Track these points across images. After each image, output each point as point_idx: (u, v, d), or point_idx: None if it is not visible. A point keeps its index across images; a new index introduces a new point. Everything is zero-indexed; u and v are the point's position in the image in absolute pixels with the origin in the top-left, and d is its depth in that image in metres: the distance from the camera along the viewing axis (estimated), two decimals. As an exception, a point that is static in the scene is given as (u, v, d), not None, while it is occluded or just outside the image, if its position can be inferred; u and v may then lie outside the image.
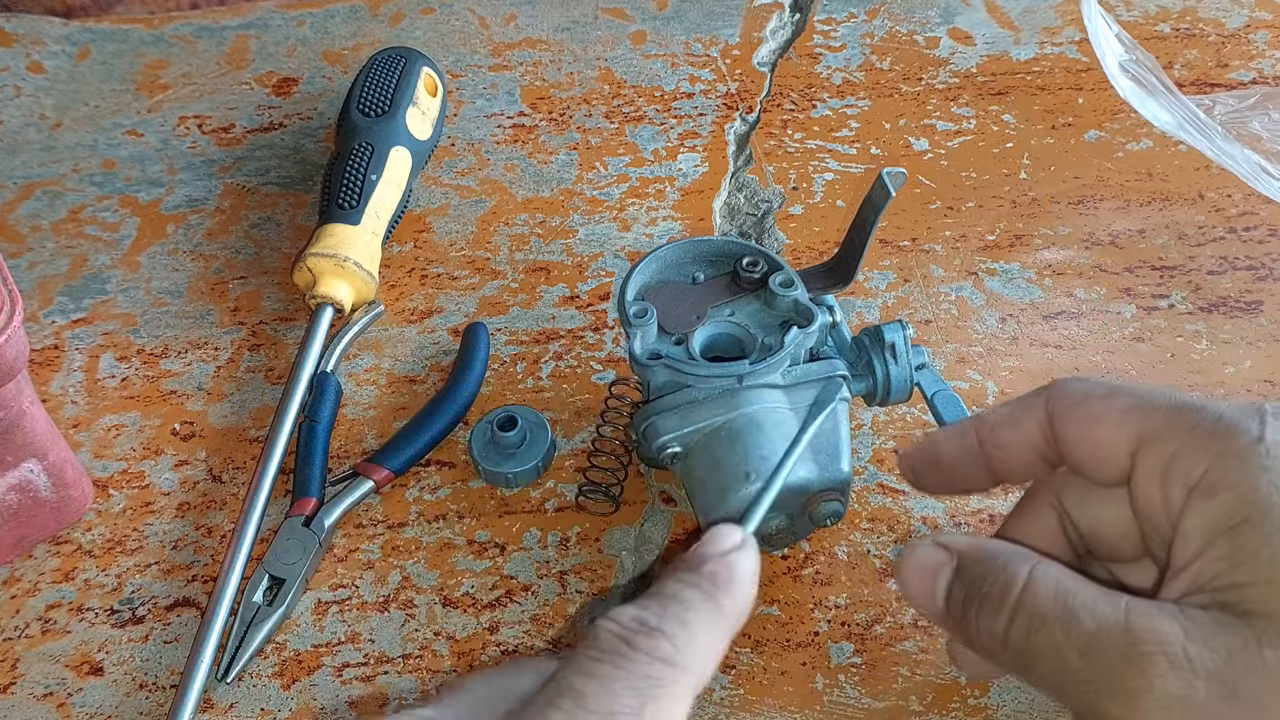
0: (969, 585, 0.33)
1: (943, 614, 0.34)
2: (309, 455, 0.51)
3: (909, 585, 0.34)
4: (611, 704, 0.26)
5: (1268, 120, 0.64)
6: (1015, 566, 0.32)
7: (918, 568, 0.34)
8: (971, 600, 0.32)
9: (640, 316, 0.46)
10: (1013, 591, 0.31)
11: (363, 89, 0.60)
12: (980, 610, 0.32)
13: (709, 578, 0.31)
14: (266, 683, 0.45)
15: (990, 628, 0.32)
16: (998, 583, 0.32)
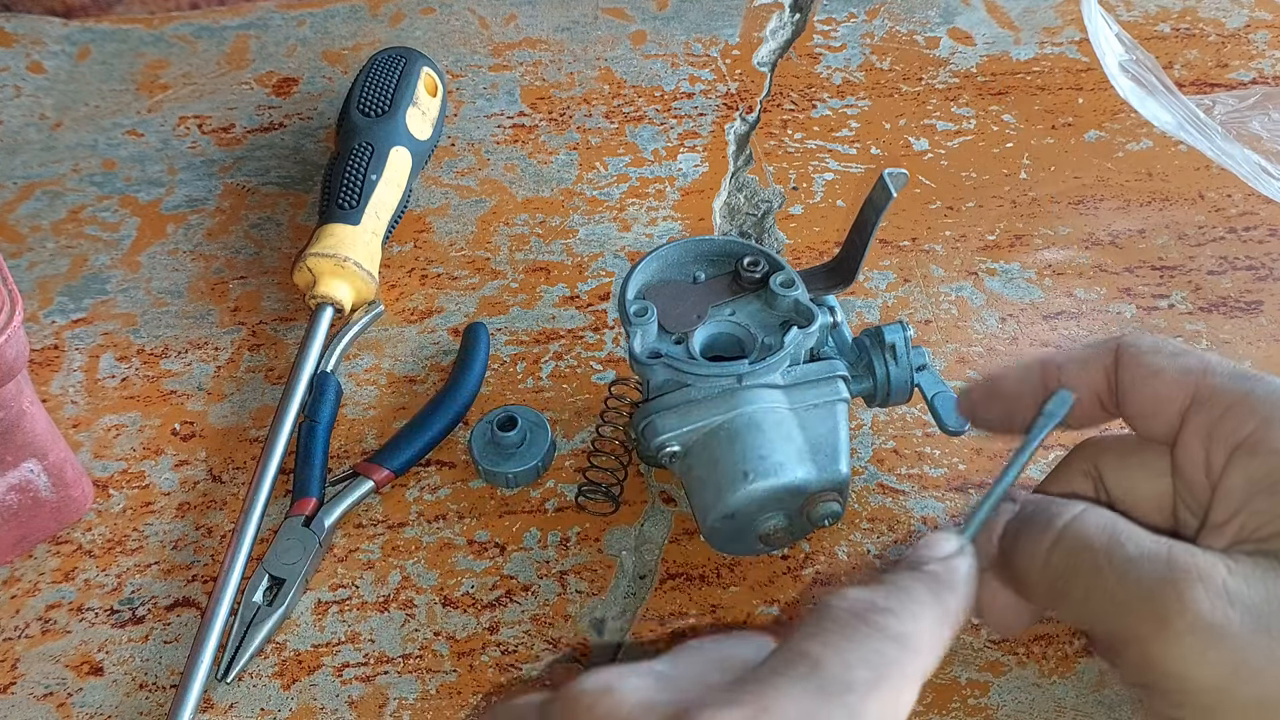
0: (1022, 519, 0.34)
1: (994, 556, 0.35)
2: (309, 455, 0.51)
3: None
4: (847, 674, 0.26)
5: (1268, 120, 0.64)
6: (1068, 503, 0.34)
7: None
8: (1022, 528, 0.34)
9: (640, 315, 0.46)
10: (1062, 519, 0.33)
11: (363, 89, 0.60)
12: (1027, 534, 0.33)
13: (933, 577, 0.31)
14: (266, 683, 0.45)
15: (1034, 550, 0.33)
16: (1048, 513, 0.33)
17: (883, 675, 0.27)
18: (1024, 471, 0.37)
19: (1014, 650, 0.46)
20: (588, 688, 0.28)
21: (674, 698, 0.27)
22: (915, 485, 0.51)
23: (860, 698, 0.26)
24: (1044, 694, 0.44)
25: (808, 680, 0.26)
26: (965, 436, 0.51)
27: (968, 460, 0.52)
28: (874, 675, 0.27)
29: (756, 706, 0.25)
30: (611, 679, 0.28)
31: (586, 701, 0.27)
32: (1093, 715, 0.44)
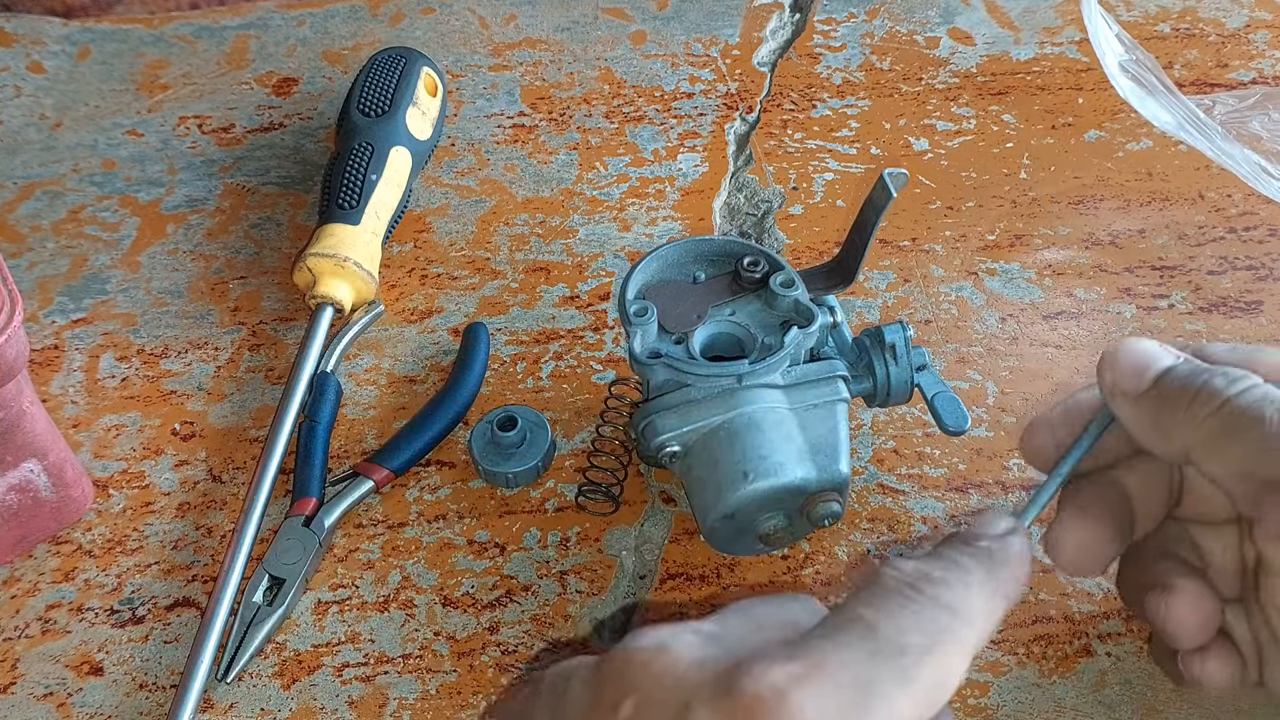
0: (1192, 371, 0.36)
1: (1139, 392, 0.36)
2: (309, 455, 0.51)
3: (1122, 361, 0.37)
4: (901, 639, 0.27)
5: (1268, 120, 0.64)
6: (1247, 372, 0.35)
7: (1139, 352, 0.37)
8: (1194, 378, 0.35)
9: (641, 315, 0.46)
10: (1248, 380, 0.35)
11: (363, 89, 0.60)
12: (1207, 385, 0.35)
13: (986, 552, 0.32)
14: (266, 683, 0.45)
15: (1212, 395, 0.34)
16: (1233, 373, 0.35)
17: (936, 642, 0.27)
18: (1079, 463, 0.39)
19: (1014, 650, 0.46)
20: (641, 645, 0.28)
21: (727, 654, 0.27)
22: (915, 485, 0.51)
23: (914, 661, 0.27)
24: (1044, 694, 0.44)
25: (862, 643, 0.27)
26: (965, 436, 0.51)
27: (968, 460, 0.52)
28: (927, 641, 0.27)
29: (810, 663, 0.26)
30: (664, 636, 0.28)
31: (641, 659, 0.28)
32: (1093, 715, 0.44)
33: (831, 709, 0.26)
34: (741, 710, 0.26)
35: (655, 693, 0.27)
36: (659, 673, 0.27)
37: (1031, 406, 0.53)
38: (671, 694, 0.27)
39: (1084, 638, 0.46)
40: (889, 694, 0.26)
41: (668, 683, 0.27)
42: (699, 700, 0.26)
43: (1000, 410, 0.53)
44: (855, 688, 0.26)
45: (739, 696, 0.26)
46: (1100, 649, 0.46)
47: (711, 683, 0.27)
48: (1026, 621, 0.47)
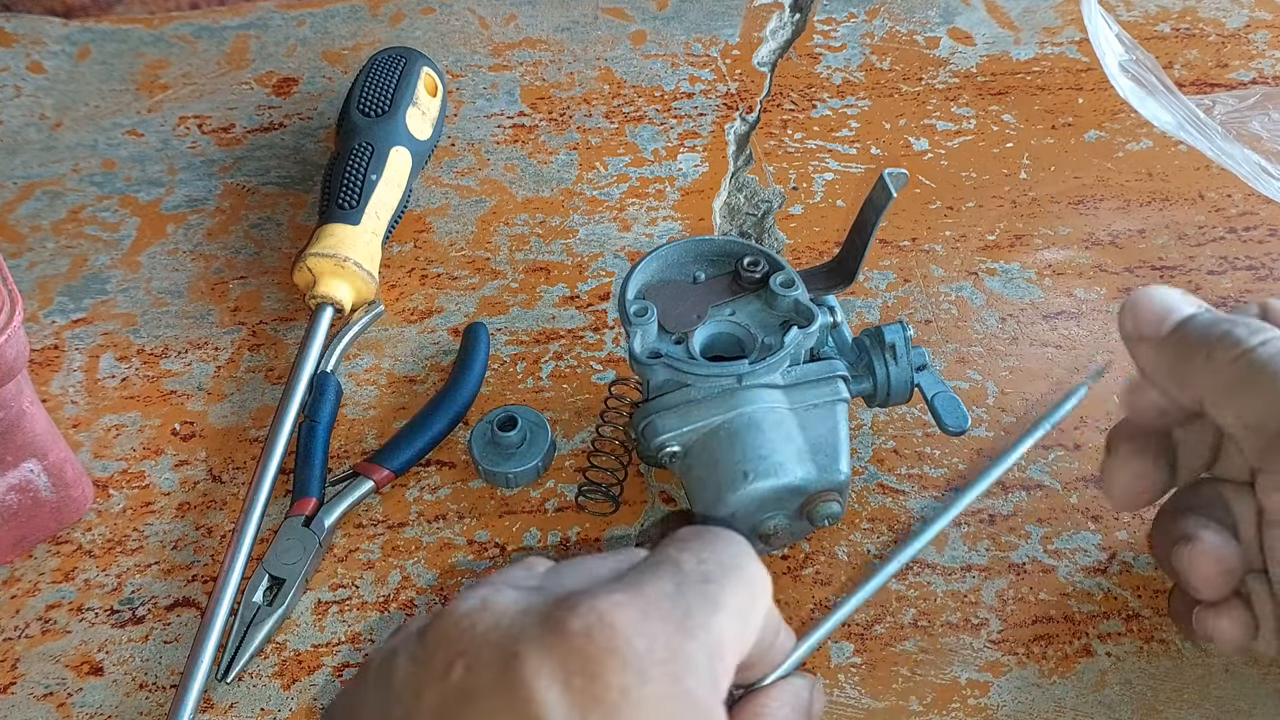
0: (1214, 320, 0.37)
1: (1160, 338, 0.38)
2: (309, 455, 0.51)
3: (1143, 308, 0.38)
4: (702, 568, 0.30)
5: (1268, 120, 0.64)
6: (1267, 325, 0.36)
7: (1161, 299, 0.38)
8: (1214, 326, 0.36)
9: (641, 315, 0.46)
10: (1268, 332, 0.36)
11: (363, 89, 0.60)
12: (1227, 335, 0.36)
13: None
14: (266, 683, 0.45)
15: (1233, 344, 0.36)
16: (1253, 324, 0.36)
17: (732, 568, 0.30)
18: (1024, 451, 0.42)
19: (1014, 650, 0.46)
20: (464, 608, 0.28)
21: (549, 600, 0.28)
22: (915, 485, 0.51)
23: (717, 586, 0.29)
24: (1044, 694, 0.45)
25: (672, 575, 0.29)
26: (965, 436, 0.51)
27: (968, 460, 0.52)
28: (724, 569, 0.30)
29: (631, 592, 0.28)
30: (486, 593, 0.29)
31: (465, 621, 0.28)
32: (1093, 715, 0.44)
33: (658, 634, 0.27)
34: (572, 647, 0.26)
35: (482, 649, 0.27)
36: (485, 629, 0.27)
37: (1032, 406, 0.53)
38: (499, 646, 0.27)
39: (1084, 638, 0.46)
40: (704, 618, 0.28)
41: (494, 636, 0.27)
42: (526, 644, 0.26)
43: (1000, 410, 0.53)
44: (673, 613, 0.28)
45: (566, 633, 0.26)
46: (1100, 649, 0.46)
47: (537, 624, 0.27)
48: (1026, 621, 0.47)
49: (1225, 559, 0.39)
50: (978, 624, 0.46)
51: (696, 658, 0.27)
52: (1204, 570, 0.39)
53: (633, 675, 0.26)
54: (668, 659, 0.27)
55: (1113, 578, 0.48)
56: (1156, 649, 0.46)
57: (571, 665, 0.26)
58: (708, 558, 0.30)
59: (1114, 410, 0.53)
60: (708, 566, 0.30)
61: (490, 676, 0.26)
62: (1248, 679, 0.45)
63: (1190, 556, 0.39)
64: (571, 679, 0.26)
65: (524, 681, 0.26)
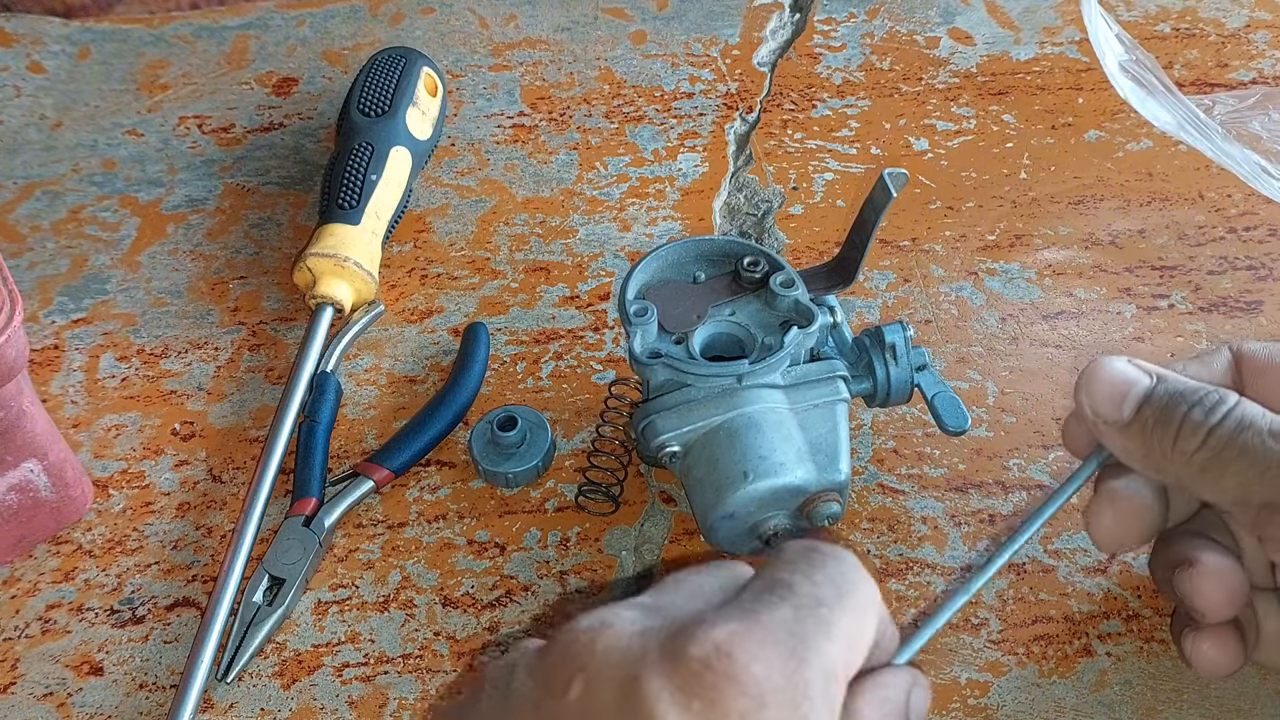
0: (1170, 399, 0.37)
1: (1122, 423, 0.37)
2: (309, 455, 0.51)
3: (1097, 391, 0.38)
4: (816, 591, 0.29)
5: (1268, 120, 0.64)
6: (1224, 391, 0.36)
7: (1113, 378, 0.38)
8: (1173, 409, 0.36)
9: (641, 315, 0.46)
10: (1225, 405, 0.36)
11: (363, 89, 0.60)
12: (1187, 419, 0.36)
13: None
14: (266, 683, 0.45)
15: (1194, 429, 0.36)
16: (1209, 399, 0.36)
17: (845, 592, 0.30)
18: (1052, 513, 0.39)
19: (1014, 650, 0.46)
20: (584, 626, 0.29)
21: (667, 623, 0.28)
22: (915, 485, 0.51)
23: (830, 610, 0.29)
24: (1044, 694, 0.45)
25: (785, 600, 0.29)
26: (965, 436, 0.51)
27: (968, 460, 0.52)
28: (838, 592, 0.30)
29: (747, 621, 0.28)
30: (606, 615, 0.29)
31: (585, 639, 0.28)
32: (1093, 715, 0.44)
33: (774, 660, 0.27)
34: (692, 672, 0.27)
35: (603, 669, 0.28)
36: (604, 649, 0.28)
37: (1032, 406, 0.53)
38: (619, 667, 0.27)
39: (1084, 638, 0.46)
40: (818, 643, 0.28)
41: (614, 658, 0.28)
42: (647, 668, 0.27)
43: (1000, 410, 0.53)
44: (789, 640, 0.28)
45: (687, 660, 0.27)
46: (1100, 649, 0.46)
47: (657, 650, 0.27)
48: (1026, 621, 0.47)
49: (1230, 581, 0.39)
50: (978, 624, 0.46)
51: (813, 683, 0.28)
52: (1208, 593, 0.39)
53: (751, 702, 0.27)
54: (784, 686, 0.27)
55: (1113, 578, 0.48)
56: (1156, 649, 0.46)
57: (692, 690, 0.27)
58: (820, 580, 0.30)
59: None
60: (820, 590, 0.30)
61: (610, 697, 0.27)
62: (1248, 679, 0.45)
63: (1193, 580, 0.39)
64: (691, 703, 0.26)
65: (645, 704, 0.27)
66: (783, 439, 0.44)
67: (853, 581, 0.30)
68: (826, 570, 0.30)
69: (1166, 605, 0.47)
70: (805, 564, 0.30)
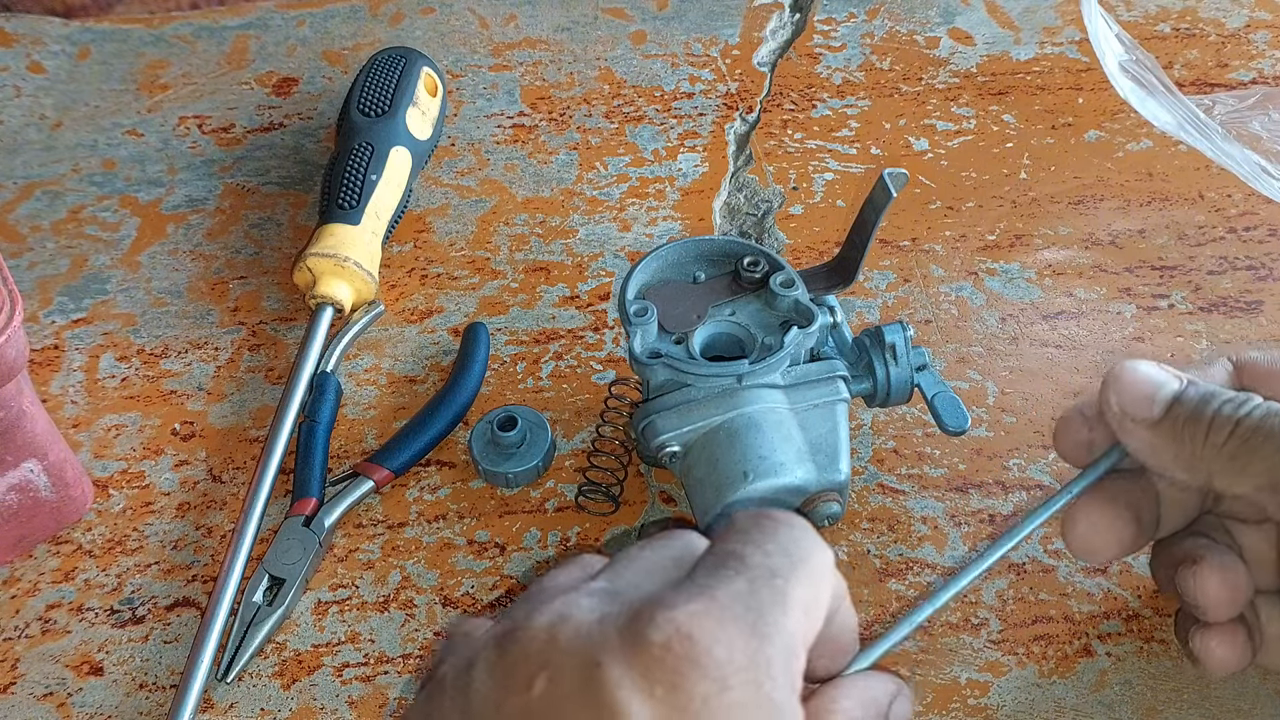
0: (1200, 398, 0.38)
1: (1152, 421, 0.38)
2: (309, 455, 0.51)
3: (1127, 392, 0.39)
4: (769, 561, 0.29)
5: (1268, 120, 0.64)
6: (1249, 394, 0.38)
7: (1143, 379, 0.39)
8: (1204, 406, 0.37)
9: (641, 315, 0.46)
10: (1253, 400, 0.37)
11: (363, 89, 0.60)
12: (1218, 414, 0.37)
13: None
14: (266, 683, 0.45)
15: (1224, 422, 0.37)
16: (1238, 397, 0.37)
17: (798, 560, 0.30)
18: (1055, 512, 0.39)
19: (1014, 650, 0.46)
20: (543, 621, 0.29)
21: (625, 607, 0.28)
22: (915, 485, 0.51)
23: (785, 580, 0.29)
24: (1044, 694, 0.45)
25: (739, 574, 0.29)
26: (965, 436, 0.51)
27: (968, 460, 0.52)
28: (791, 561, 0.29)
29: (705, 598, 0.28)
30: (561, 606, 0.29)
31: (545, 635, 0.28)
32: (1093, 715, 0.44)
33: (735, 640, 0.27)
34: (653, 658, 0.27)
35: (565, 661, 0.27)
36: (565, 642, 0.28)
37: (1032, 406, 0.53)
38: (580, 657, 0.27)
39: (1084, 638, 0.46)
40: (775, 617, 0.28)
41: (575, 648, 0.28)
42: (608, 655, 0.27)
43: (1000, 410, 0.53)
44: (747, 616, 0.28)
45: (647, 645, 0.27)
46: (1100, 649, 0.46)
47: (616, 636, 0.27)
48: (1026, 621, 0.47)
49: (1234, 580, 0.39)
50: (978, 624, 0.46)
51: (774, 660, 0.27)
52: (1213, 591, 0.39)
53: (713, 684, 0.26)
54: (746, 665, 0.27)
55: (1113, 578, 0.48)
56: (1156, 649, 0.46)
57: (653, 676, 0.26)
58: (772, 549, 0.30)
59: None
60: (773, 560, 0.29)
61: (573, 689, 0.27)
62: (1248, 679, 0.45)
63: (1198, 577, 0.39)
64: (654, 689, 0.26)
65: (608, 693, 0.26)
66: (783, 439, 0.44)
67: (806, 548, 0.30)
68: (778, 538, 0.30)
69: (1166, 605, 0.47)
70: (757, 533, 0.30)
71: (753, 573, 0.29)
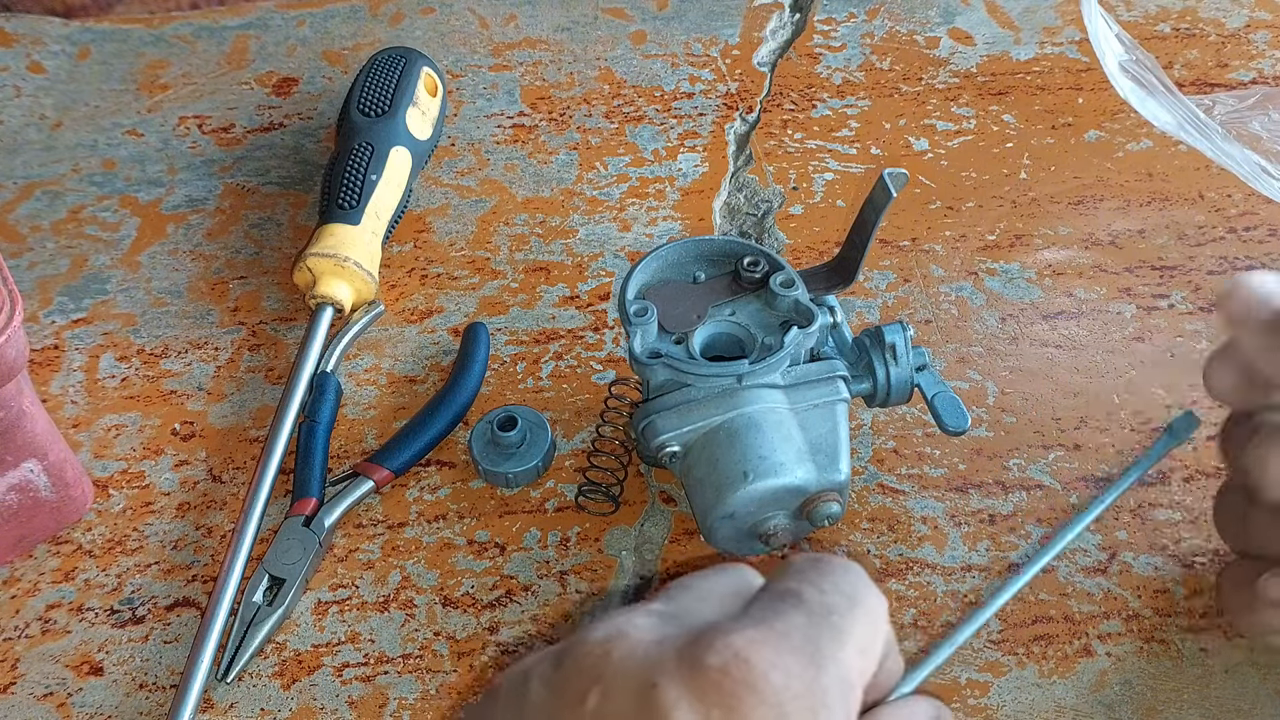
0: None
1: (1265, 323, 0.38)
2: (309, 455, 0.51)
3: (1249, 293, 0.39)
4: (825, 600, 0.30)
5: (1268, 120, 0.64)
6: None
7: (1265, 285, 0.39)
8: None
9: (641, 315, 0.46)
10: None
11: (363, 89, 0.60)
12: None
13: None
14: (266, 683, 0.45)
15: None
16: None
17: (856, 601, 0.30)
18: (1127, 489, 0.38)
19: (1014, 650, 0.46)
20: (599, 635, 0.29)
21: (682, 630, 0.28)
22: (915, 485, 0.51)
23: (841, 618, 0.29)
24: (1044, 694, 0.45)
25: (797, 609, 0.29)
26: (965, 436, 0.51)
27: (968, 460, 0.52)
28: (849, 601, 0.30)
29: (764, 627, 0.28)
30: (621, 624, 0.29)
31: (600, 648, 0.28)
32: (1093, 715, 0.44)
33: (793, 668, 0.27)
34: (710, 681, 0.27)
35: (619, 679, 0.27)
36: (620, 658, 0.28)
37: (1032, 406, 0.53)
38: (636, 676, 0.27)
39: (1084, 638, 0.46)
40: (833, 651, 0.28)
41: (630, 667, 0.28)
42: (665, 677, 0.27)
43: (1000, 410, 0.53)
44: (806, 648, 0.28)
45: (705, 668, 0.27)
46: (1100, 649, 0.46)
47: (674, 658, 0.27)
48: (1026, 621, 0.47)
49: None
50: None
51: (830, 691, 0.27)
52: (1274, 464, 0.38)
53: (769, 710, 0.26)
54: (803, 693, 0.27)
55: (1113, 578, 0.48)
56: (1156, 649, 0.46)
57: (710, 699, 0.26)
58: (828, 589, 0.30)
59: (1112, 410, 0.53)
60: (830, 598, 0.30)
61: (627, 706, 0.27)
62: (1248, 679, 0.45)
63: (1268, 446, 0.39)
64: (710, 711, 0.26)
65: (662, 711, 0.26)
66: (783, 439, 0.44)
67: (862, 591, 0.30)
68: (835, 579, 0.30)
69: (1167, 605, 0.47)
70: (814, 574, 0.31)
71: (810, 608, 0.29)
